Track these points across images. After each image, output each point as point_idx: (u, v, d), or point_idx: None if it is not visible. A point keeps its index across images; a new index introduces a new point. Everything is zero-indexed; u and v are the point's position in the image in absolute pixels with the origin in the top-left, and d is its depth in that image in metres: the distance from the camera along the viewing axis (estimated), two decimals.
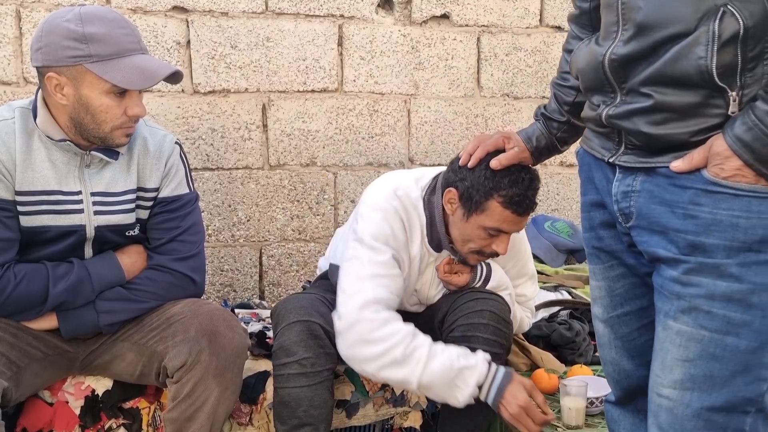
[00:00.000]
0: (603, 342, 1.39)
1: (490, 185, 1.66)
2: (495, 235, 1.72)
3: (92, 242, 1.69)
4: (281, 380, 1.74)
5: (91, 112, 1.57)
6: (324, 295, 1.88)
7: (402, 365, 1.59)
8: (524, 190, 1.67)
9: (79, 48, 1.52)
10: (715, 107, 1.06)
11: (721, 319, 1.08)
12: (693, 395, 1.11)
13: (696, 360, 1.10)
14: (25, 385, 1.63)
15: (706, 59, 1.03)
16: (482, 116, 2.78)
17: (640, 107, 1.11)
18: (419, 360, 1.59)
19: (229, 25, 2.50)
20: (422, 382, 1.60)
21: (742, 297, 1.06)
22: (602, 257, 1.32)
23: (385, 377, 1.64)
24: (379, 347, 1.60)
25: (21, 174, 1.59)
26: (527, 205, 1.70)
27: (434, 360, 1.60)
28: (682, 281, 1.11)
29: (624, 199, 1.18)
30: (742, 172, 1.04)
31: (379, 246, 1.71)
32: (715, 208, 1.06)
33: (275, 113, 2.58)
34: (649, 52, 1.09)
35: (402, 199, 1.78)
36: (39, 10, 2.34)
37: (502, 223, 1.70)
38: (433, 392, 1.64)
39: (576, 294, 2.45)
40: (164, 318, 1.71)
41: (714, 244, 1.07)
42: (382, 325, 1.61)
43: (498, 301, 1.83)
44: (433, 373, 1.59)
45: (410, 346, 1.60)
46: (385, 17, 2.65)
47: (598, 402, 1.79)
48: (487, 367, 1.63)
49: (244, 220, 2.61)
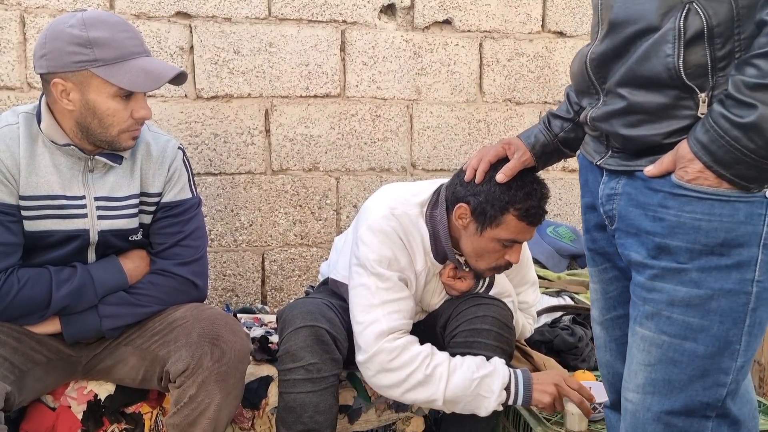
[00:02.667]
0: (599, 344, 1.41)
1: (506, 199, 1.66)
2: (509, 246, 1.73)
3: (95, 247, 1.69)
4: (287, 385, 1.74)
5: (98, 117, 1.57)
6: (330, 300, 1.88)
7: (425, 386, 1.66)
8: (538, 201, 1.68)
9: (84, 53, 1.52)
10: (686, 108, 1.07)
11: (680, 325, 1.10)
12: (653, 399, 1.14)
13: (656, 365, 1.13)
14: (27, 390, 1.63)
15: (674, 57, 1.04)
16: (484, 121, 2.78)
17: (616, 109, 1.14)
18: (441, 378, 1.65)
19: (232, 30, 2.50)
20: (447, 398, 1.65)
21: (701, 302, 1.08)
22: (597, 260, 1.35)
23: (412, 399, 1.70)
24: (401, 374, 1.66)
25: (25, 179, 1.59)
26: (541, 215, 1.71)
27: (455, 375, 1.65)
28: (647, 287, 1.13)
29: (608, 202, 1.20)
30: (704, 174, 1.04)
31: (383, 271, 1.73)
32: (680, 210, 1.08)
33: (278, 118, 2.59)
34: (621, 49, 1.11)
35: (400, 218, 1.78)
36: (43, 16, 2.35)
37: (517, 235, 1.70)
38: (459, 406, 1.68)
39: (578, 299, 2.45)
40: (167, 322, 1.71)
41: (678, 247, 1.08)
42: (401, 352, 1.67)
43: (500, 307, 1.83)
44: (456, 387, 1.65)
45: (430, 366, 1.66)
46: (388, 23, 2.66)
47: (600, 408, 1.78)
48: (507, 369, 1.68)
49: (246, 224, 2.61)
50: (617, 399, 1.38)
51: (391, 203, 1.81)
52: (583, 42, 2.82)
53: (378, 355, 1.67)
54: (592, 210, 1.31)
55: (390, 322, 1.69)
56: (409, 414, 2.00)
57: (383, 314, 1.70)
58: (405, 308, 1.73)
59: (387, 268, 1.74)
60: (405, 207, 1.80)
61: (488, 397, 1.65)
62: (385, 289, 1.72)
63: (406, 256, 1.78)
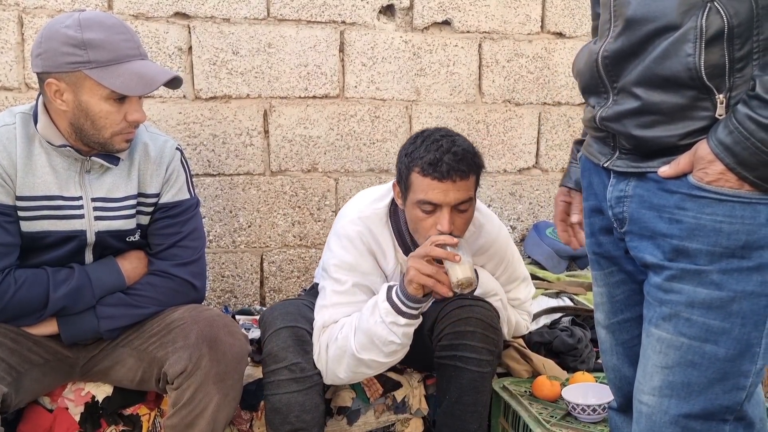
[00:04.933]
0: (605, 348, 1.38)
1: (409, 159, 1.69)
2: (431, 211, 1.68)
3: (93, 248, 1.69)
4: (272, 387, 1.75)
5: (90, 118, 1.57)
6: (312, 300, 1.90)
7: (343, 354, 1.72)
8: (441, 154, 1.64)
9: (78, 54, 1.52)
10: (703, 110, 1.05)
11: (700, 327, 1.08)
12: (671, 402, 1.11)
13: (674, 367, 1.11)
14: (25, 391, 1.63)
15: (695, 56, 1.02)
16: (483, 122, 2.78)
17: (628, 109, 1.11)
18: (347, 338, 1.71)
19: (230, 31, 2.50)
20: (362, 358, 1.70)
21: (722, 304, 1.06)
22: (602, 263, 1.32)
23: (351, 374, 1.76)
24: (329, 356, 1.74)
25: (22, 179, 1.59)
26: (447, 169, 1.64)
27: (358, 332, 1.71)
28: (664, 288, 1.11)
29: (617, 205, 1.18)
30: (725, 176, 1.03)
31: (339, 276, 1.79)
32: (699, 212, 1.06)
33: (277, 119, 2.58)
34: (638, 47, 1.09)
35: (366, 221, 1.83)
36: (41, 16, 2.35)
37: (428, 194, 1.66)
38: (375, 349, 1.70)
39: (578, 300, 2.44)
40: (164, 324, 1.70)
41: (697, 249, 1.06)
42: (320, 336, 1.76)
43: (485, 308, 1.83)
44: (363, 337, 1.69)
45: (340, 336, 1.72)
46: (387, 24, 2.65)
47: (600, 409, 1.78)
48: (381, 292, 1.71)
49: (245, 226, 2.61)
50: (624, 402, 1.38)
51: (360, 207, 1.87)
52: (583, 43, 2.81)
53: (319, 353, 1.75)
54: (597, 213, 1.29)
55: (332, 317, 1.76)
56: (407, 416, 2.00)
57: (329, 314, 1.77)
58: (354, 312, 1.77)
59: (344, 274, 1.79)
60: (371, 209, 1.85)
61: (390, 329, 1.67)
62: (338, 292, 1.79)
63: (370, 261, 1.82)
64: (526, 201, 2.87)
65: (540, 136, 2.84)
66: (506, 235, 1.96)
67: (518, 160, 2.84)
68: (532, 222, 2.88)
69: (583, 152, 1.33)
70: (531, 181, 2.86)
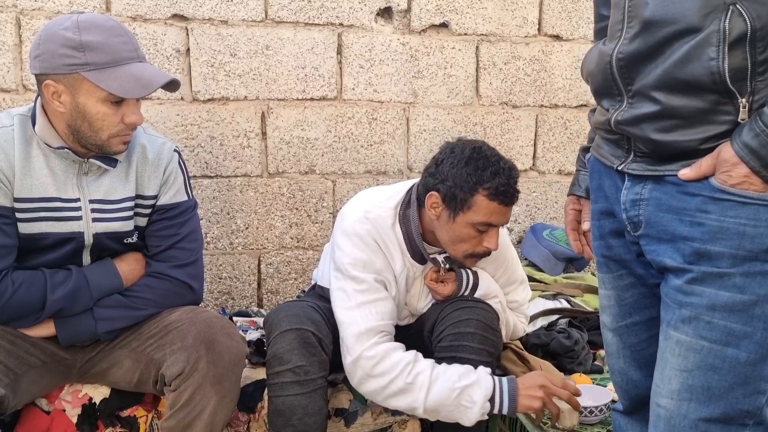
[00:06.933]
0: (611, 351, 1.37)
1: (474, 180, 1.68)
2: (484, 231, 1.72)
3: (90, 249, 1.69)
4: (275, 389, 1.74)
5: (87, 120, 1.57)
6: (316, 302, 1.89)
7: (406, 394, 1.67)
8: (507, 179, 1.69)
9: (76, 56, 1.52)
10: (725, 114, 1.04)
11: (721, 330, 1.06)
12: (690, 406, 1.10)
13: (694, 370, 1.09)
14: (22, 393, 1.62)
15: (718, 60, 1.01)
16: (481, 124, 2.78)
17: (647, 113, 1.09)
18: (422, 386, 1.65)
19: (228, 33, 2.50)
20: (428, 407, 1.66)
21: (745, 308, 1.05)
22: (611, 266, 1.31)
23: (393, 406, 1.72)
24: (382, 380, 1.67)
25: (20, 181, 1.59)
26: (512, 194, 1.71)
27: (436, 384, 1.65)
28: (684, 290, 1.09)
29: (633, 208, 1.17)
30: (749, 179, 1.02)
31: (357, 274, 1.76)
32: (722, 215, 1.05)
33: (274, 121, 2.58)
34: (656, 50, 1.07)
35: (374, 221, 1.81)
36: (39, 18, 2.35)
37: (490, 216, 1.70)
38: (441, 415, 1.68)
39: (575, 302, 2.45)
40: (162, 325, 1.70)
41: (720, 252, 1.05)
42: (382, 358, 1.68)
43: (485, 310, 1.83)
44: (437, 396, 1.64)
45: (411, 374, 1.66)
46: (384, 26, 2.66)
47: (597, 411, 1.78)
48: (491, 380, 1.66)
49: (242, 227, 2.61)
50: (631, 405, 1.37)
51: (365, 207, 1.84)
52: (580, 45, 2.82)
53: (360, 361, 1.69)
54: (607, 216, 1.28)
55: (367, 322, 1.71)
56: (405, 417, 2.00)
57: (360, 316, 1.73)
58: (383, 309, 1.75)
59: (362, 271, 1.77)
60: (379, 210, 1.83)
61: (470, 408, 1.63)
62: (360, 291, 1.75)
63: (382, 258, 1.81)
64: (523, 203, 2.88)
65: (537, 138, 2.84)
66: (506, 238, 1.97)
67: (515, 162, 2.81)
68: (529, 224, 2.88)
69: (592, 153, 1.31)
70: (528, 183, 2.87)
